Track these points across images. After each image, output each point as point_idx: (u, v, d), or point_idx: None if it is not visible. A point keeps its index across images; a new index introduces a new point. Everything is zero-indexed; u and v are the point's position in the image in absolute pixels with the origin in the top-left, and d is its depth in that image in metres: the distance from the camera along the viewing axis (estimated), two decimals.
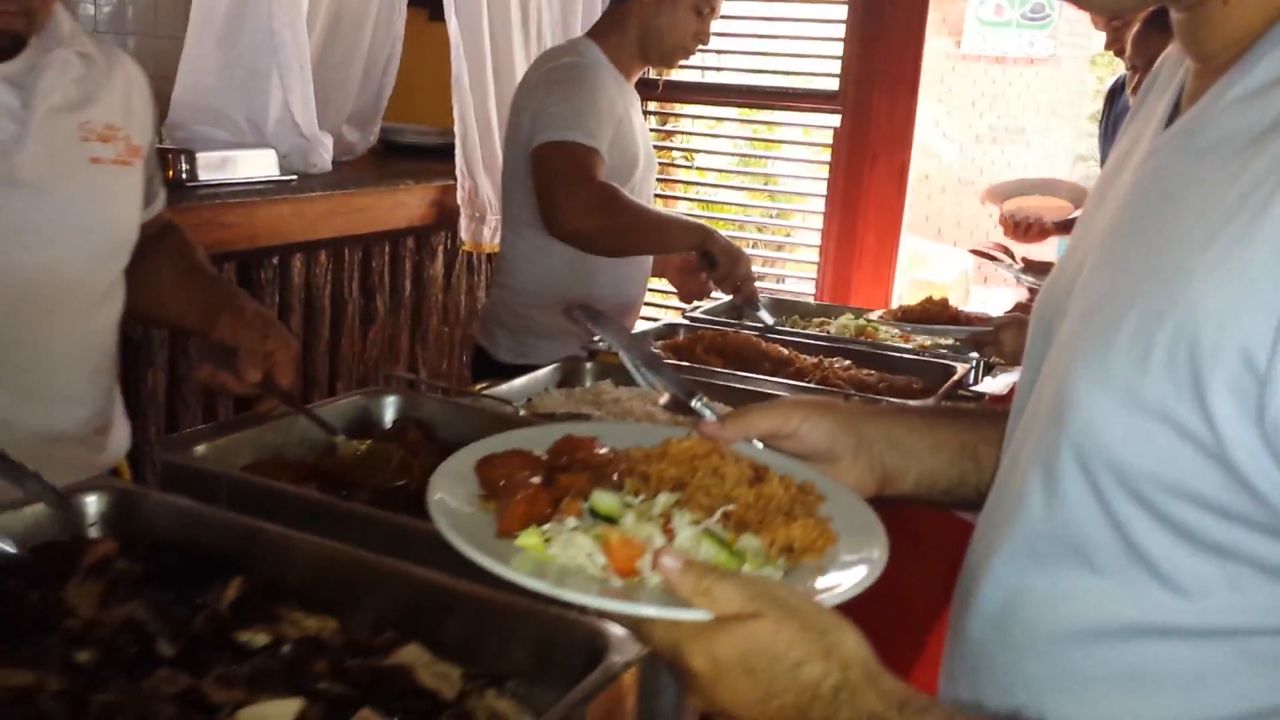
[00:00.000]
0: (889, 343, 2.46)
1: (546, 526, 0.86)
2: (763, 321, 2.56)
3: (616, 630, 1.04)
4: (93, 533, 1.28)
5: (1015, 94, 8.86)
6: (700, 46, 2.65)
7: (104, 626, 1.10)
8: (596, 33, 2.70)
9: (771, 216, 4.46)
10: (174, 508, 1.27)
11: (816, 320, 2.74)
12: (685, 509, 0.88)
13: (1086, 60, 9.18)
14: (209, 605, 1.15)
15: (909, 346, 2.40)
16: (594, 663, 1.01)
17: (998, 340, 2.27)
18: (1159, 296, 0.72)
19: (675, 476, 0.92)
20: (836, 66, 3.91)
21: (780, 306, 2.83)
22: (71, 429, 1.62)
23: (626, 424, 1.06)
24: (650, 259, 2.72)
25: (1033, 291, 2.62)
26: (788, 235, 4.43)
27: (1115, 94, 3.29)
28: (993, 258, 2.88)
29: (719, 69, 4.23)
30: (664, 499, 0.89)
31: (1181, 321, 0.70)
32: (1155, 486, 0.74)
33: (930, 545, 2.08)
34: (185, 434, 1.53)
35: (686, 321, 2.59)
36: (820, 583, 0.84)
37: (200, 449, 1.45)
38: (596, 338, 2.20)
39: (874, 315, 2.64)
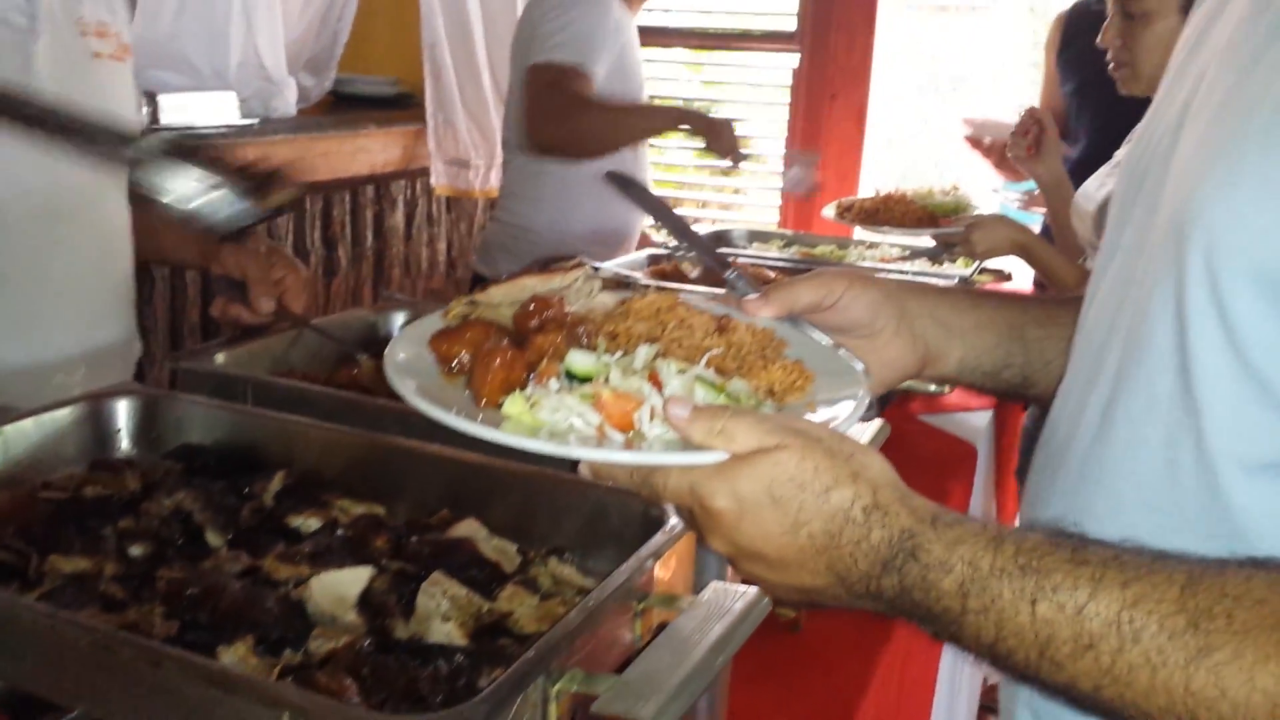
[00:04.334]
0: (870, 264, 2.49)
1: (528, 391, 0.82)
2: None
3: None
4: (122, 439, 1.26)
5: (958, 43, 8.93)
6: None
7: (151, 517, 1.09)
8: None
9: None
10: (205, 409, 1.26)
11: (790, 249, 2.76)
12: (668, 360, 0.85)
13: (1027, 9, 9.26)
14: (255, 496, 1.14)
15: (891, 267, 2.44)
16: (649, 529, 1.02)
17: (969, 240, 2.32)
18: None
19: (644, 332, 0.90)
20: (794, 6, 3.92)
21: (755, 236, 2.85)
22: (91, 349, 1.59)
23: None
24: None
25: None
26: (741, 176, 4.44)
27: (1075, 19, 3.28)
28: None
29: (679, 10, 4.23)
30: (645, 351, 0.86)
31: None
32: None
33: (932, 466, 2.13)
34: (198, 348, 1.52)
35: (670, 250, 2.59)
36: (815, 418, 0.83)
37: (219, 358, 1.43)
38: (595, 264, 2.20)
39: (828, 211, 2.68)
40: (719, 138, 2.58)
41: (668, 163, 4.51)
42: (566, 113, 2.47)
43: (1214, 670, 0.63)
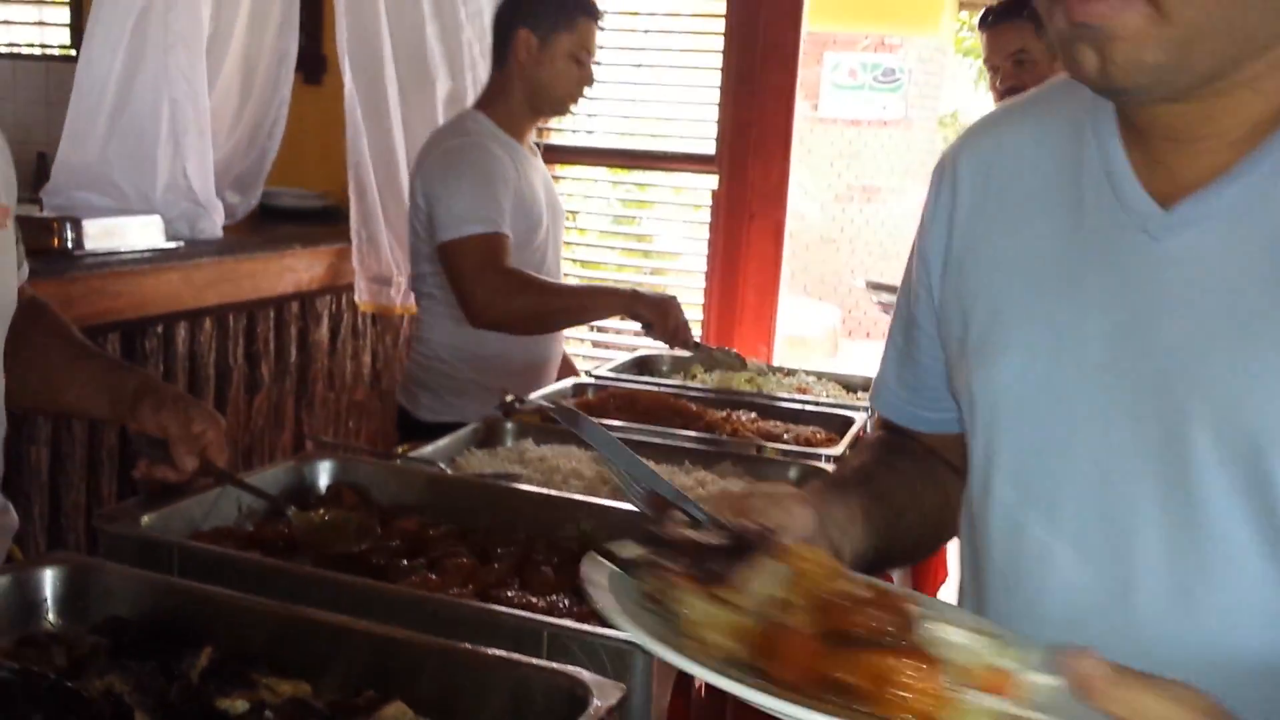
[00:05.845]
0: (787, 395, 2.57)
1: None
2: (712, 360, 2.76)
3: (592, 675, 1.10)
4: (48, 609, 1.27)
5: (870, 154, 9.25)
6: (587, 89, 2.77)
7: (82, 699, 1.10)
8: (483, 103, 2.80)
9: (648, 274, 4.56)
10: (131, 580, 1.27)
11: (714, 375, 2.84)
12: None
13: (935, 121, 9.65)
14: (183, 675, 1.16)
15: (808, 398, 2.51)
16: (575, 709, 1.06)
17: None
18: None
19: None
20: (713, 130, 4.06)
21: (678, 363, 2.92)
22: None
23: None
24: None
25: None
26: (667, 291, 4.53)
27: None
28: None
29: (605, 133, 4.35)
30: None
31: None
32: None
33: None
34: (123, 507, 1.52)
35: (594, 380, 2.65)
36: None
37: (145, 519, 1.44)
38: (517, 401, 2.25)
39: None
40: (664, 322, 2.65)
41: (585, 258, 4.58)
42: (507, 291, 2.53)
43: None
